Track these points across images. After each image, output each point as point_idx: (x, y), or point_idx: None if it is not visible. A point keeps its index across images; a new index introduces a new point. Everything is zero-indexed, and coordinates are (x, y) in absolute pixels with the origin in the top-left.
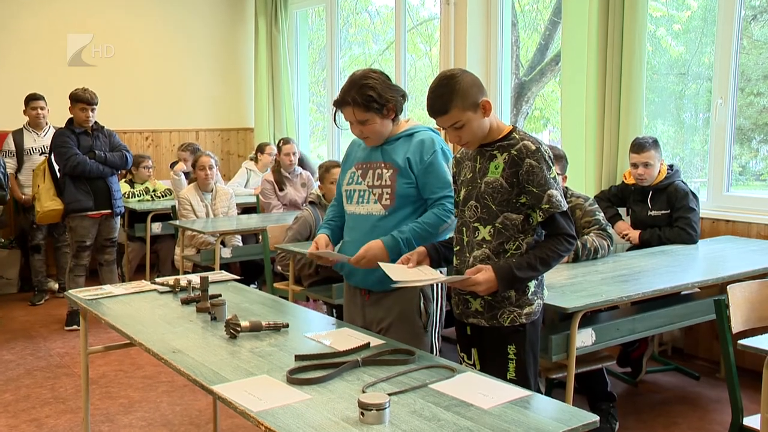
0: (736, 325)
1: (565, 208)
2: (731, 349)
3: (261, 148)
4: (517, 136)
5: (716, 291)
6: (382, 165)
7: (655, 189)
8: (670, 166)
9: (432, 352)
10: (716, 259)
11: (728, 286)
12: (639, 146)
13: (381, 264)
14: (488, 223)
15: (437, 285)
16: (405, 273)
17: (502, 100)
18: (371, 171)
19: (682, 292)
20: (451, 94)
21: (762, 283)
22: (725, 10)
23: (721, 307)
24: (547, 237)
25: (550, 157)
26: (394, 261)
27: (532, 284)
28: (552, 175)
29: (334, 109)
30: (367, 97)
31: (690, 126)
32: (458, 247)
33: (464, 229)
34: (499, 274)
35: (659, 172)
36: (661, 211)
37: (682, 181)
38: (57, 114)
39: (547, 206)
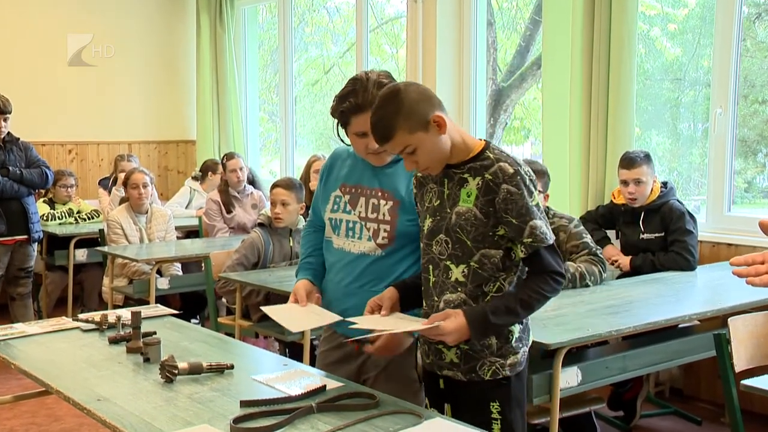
0: (740, 362)
1: (551, 242)
2: (734, 391)
3: (212, 168)
4: (491, 156)
5: (718, 324)
6: (379, 193)
7: (648, 209)
8: (664, 184)
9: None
10: (717, 287)
11: (730, 319)
12: (629, 161)
13: (352, 319)
14: (462, 262)
15: None
16: (376, 322)
17: (477, 108)
18: (363, 198)
19: (680, 325)
20: (393, 115)
21: None
22: (724, 8)
23: (721, 343)
24: (530, 275)
25: (531, 180)
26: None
27: (516, 329)
28: (534, 203)
29: (336, 121)
30: None
31: (687, 137)
32: (424, 288)
33: (431, 267)
34: (471, 321)
35: (652, 190)
36: (655, 234)
37: (678, 200)
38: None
39: (529, 240)
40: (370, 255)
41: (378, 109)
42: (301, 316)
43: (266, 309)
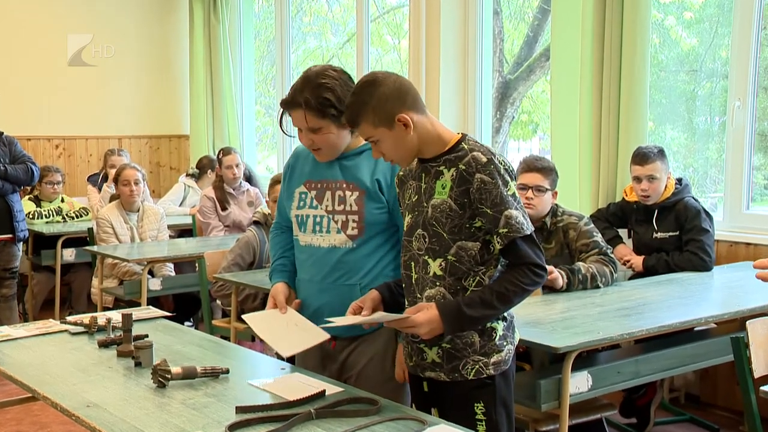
0: (759, 367)
1: (528, 232)
2: (753, 397)
3: (211, 165)
4: (466, 147)
5: (736, 327)
6: (344, 185)
7: (662, 207)
8: (679, 180)
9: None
10: (735, 289)
11: (748, 322)
12: (642, 157)
13: (331, 319)
14: (439, 255)
15: None
16: (354, 320)
17: (483, 102)
18: (329, 192)
19: (696, 329)
20: (361, 105)
21: None
22: None
23: (739, 347)
24: (508, 267)
25: (507, 170)
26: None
27: (500, 327)
28: (510, 192)
29: (281, 110)
30: (324, 100)
31: (704, 132)
32: (406, 286)
33: (412, 263)
34: (444, 313)
35: (666, 187)
36: (669, 233)
37: (693, 198)
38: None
39: (505, 230)
40: (341, 248)
41: (353, 94)
42: (287, 332)
43: (248, 319)
